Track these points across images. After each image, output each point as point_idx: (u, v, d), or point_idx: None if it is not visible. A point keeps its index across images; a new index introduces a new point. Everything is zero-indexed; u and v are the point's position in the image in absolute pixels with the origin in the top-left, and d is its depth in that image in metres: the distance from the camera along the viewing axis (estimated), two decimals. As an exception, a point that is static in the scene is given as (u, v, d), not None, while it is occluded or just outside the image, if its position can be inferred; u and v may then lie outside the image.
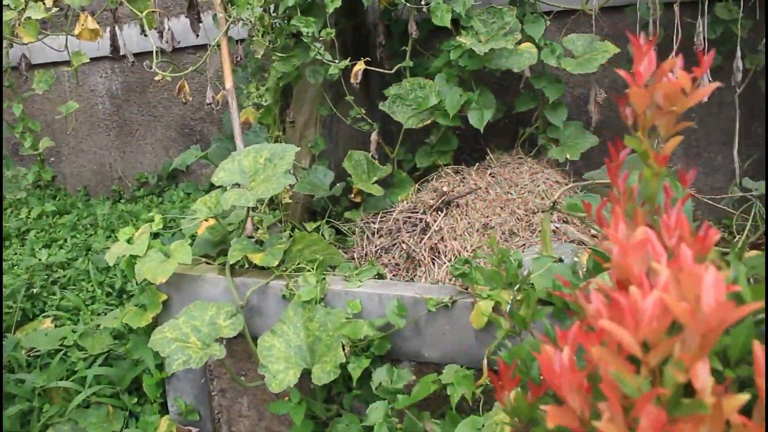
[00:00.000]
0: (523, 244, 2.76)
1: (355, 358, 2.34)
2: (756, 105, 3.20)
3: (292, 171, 2.57)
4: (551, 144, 3.10)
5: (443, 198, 2.85)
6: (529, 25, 2.92)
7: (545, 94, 3.02)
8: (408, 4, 3.03)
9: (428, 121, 3.00)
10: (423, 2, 2.94)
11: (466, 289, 2.39)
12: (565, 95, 3.46)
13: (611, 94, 3.23)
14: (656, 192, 1.26)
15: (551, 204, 2.48)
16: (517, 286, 2.09)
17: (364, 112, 3.20)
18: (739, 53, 2.87)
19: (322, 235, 3.09)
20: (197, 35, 3.55)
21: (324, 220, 3.15)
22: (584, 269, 2.33)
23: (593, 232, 2.79)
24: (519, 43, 2.86)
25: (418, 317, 2.39)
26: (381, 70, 3.17)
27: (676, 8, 2.87)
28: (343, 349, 2.32)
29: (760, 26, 3.03)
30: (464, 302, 2.35)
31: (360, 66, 3.05)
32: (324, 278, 2.52)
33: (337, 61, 2.99)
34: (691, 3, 3.06)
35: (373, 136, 3.16)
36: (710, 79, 2.83)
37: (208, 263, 2.82)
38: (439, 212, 2.88)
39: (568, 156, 2.98)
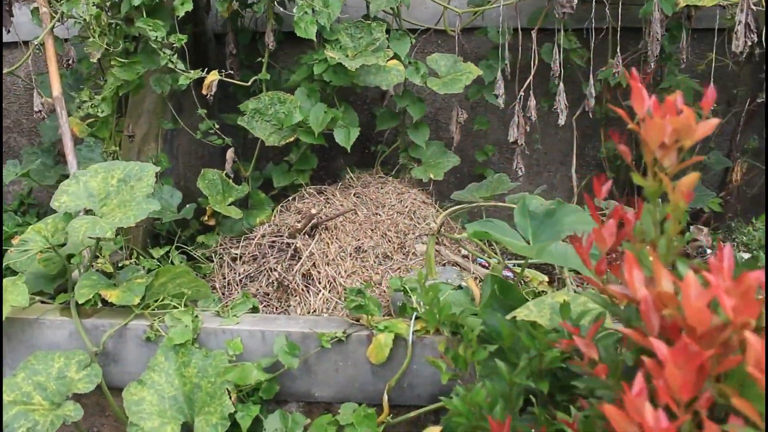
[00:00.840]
0: (399, 268, 2.61)
1: (242, 406, 2.03)
2: (588, 128, 3.35)
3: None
4: (413, 163, 2.98)
5: (313, 221, 2.61)
6: (394, 42, 2.78)
7: (408, 112, 2.89)
8: (282, 9, 2.75)
9: (291, 139, 2.74)
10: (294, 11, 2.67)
11: (358, 320, 2.18)
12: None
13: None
14: (677, 230, 1.15)
15: (437, 228, 2.35)
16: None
17: (217, 126, 2.86)
18: (591, 80, 2.95)
19: (171, 262, 2.70)
20: (8, 31, 2.96)
21: (173, 246, 2.75)
22: (477, 296, 2.23)
23: (464, 252, 2.72)
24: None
25: (308, 354, 2.13)
26: (233, 82, 2.85)
27: (534, 34, 2.90)
28: (230, 397, 1.99)
29: (595, 56, 3.16)
30: (358, 335, 2.13)
31: (214, 77, 2.71)
32: (197, 316, 2.17)
33: (189, 70, 2.63)
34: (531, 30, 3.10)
35: (230, 153, 2.82)
36: (567, 104, 2.88)
37: (44, 302, 2.32)
38: (308, 236, 2.63)
39: (432, 176, 2.88)
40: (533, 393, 1.50)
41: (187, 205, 2.81)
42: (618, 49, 2.92)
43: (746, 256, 2.49)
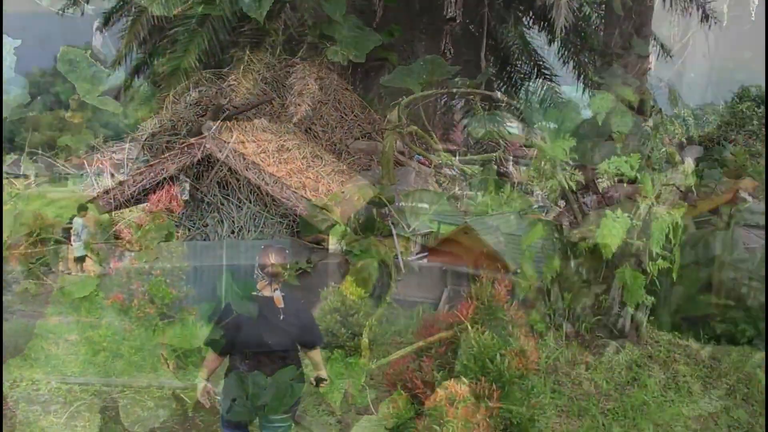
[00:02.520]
0: (332, 171, 2.04)
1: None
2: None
3: None
4: (325, 42, 2.34)
5: (224, 114, 1.93)
6: None
7: (323, -22, 2.22)
8: None
9: (188, 7, 1.98)
10: None
11: (318, 243, 1.61)
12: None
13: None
14: None
15: (395, 122, 1.78)
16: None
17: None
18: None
19: (23, 175, 1.90)
20: None
21: (25, 153, 1.94)
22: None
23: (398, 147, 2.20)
24: None
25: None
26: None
27: None
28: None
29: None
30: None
31: None
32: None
33: None
34: None
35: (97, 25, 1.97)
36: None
37: None
38: (217, 134, 1.96)
39: (351, 57, 2.28)
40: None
41: (39, 97, 1.98)
42: None
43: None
